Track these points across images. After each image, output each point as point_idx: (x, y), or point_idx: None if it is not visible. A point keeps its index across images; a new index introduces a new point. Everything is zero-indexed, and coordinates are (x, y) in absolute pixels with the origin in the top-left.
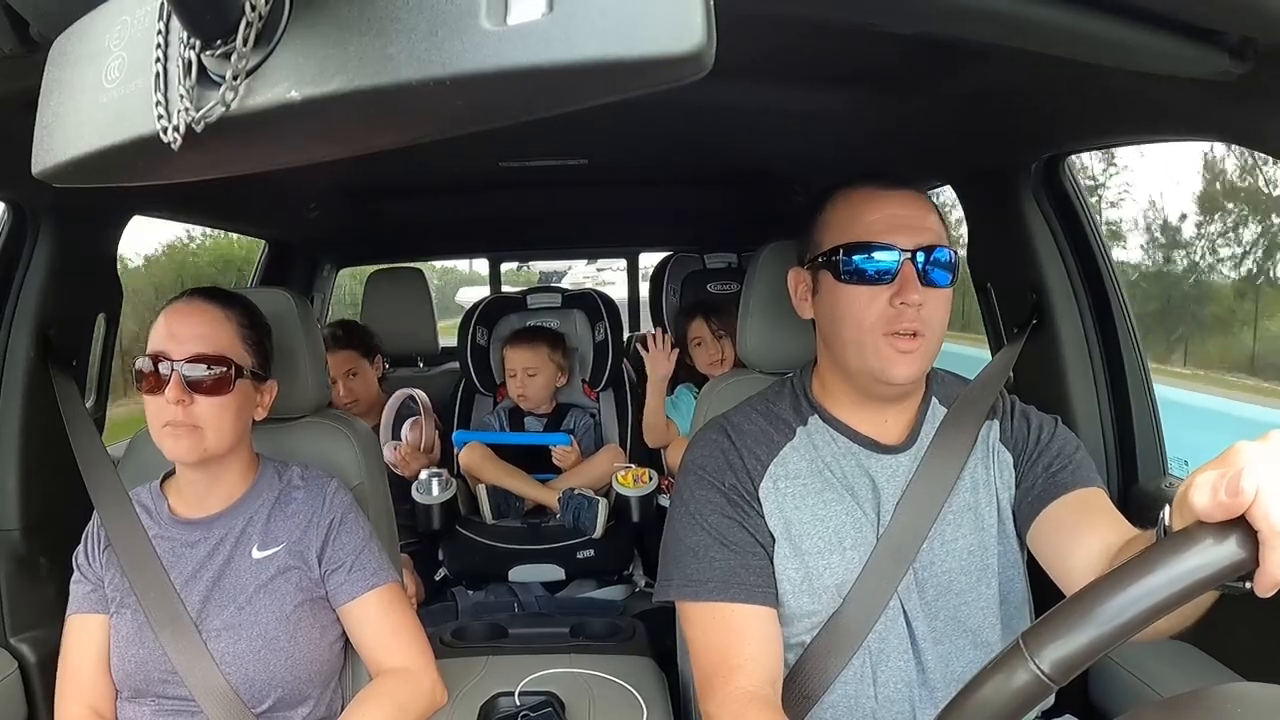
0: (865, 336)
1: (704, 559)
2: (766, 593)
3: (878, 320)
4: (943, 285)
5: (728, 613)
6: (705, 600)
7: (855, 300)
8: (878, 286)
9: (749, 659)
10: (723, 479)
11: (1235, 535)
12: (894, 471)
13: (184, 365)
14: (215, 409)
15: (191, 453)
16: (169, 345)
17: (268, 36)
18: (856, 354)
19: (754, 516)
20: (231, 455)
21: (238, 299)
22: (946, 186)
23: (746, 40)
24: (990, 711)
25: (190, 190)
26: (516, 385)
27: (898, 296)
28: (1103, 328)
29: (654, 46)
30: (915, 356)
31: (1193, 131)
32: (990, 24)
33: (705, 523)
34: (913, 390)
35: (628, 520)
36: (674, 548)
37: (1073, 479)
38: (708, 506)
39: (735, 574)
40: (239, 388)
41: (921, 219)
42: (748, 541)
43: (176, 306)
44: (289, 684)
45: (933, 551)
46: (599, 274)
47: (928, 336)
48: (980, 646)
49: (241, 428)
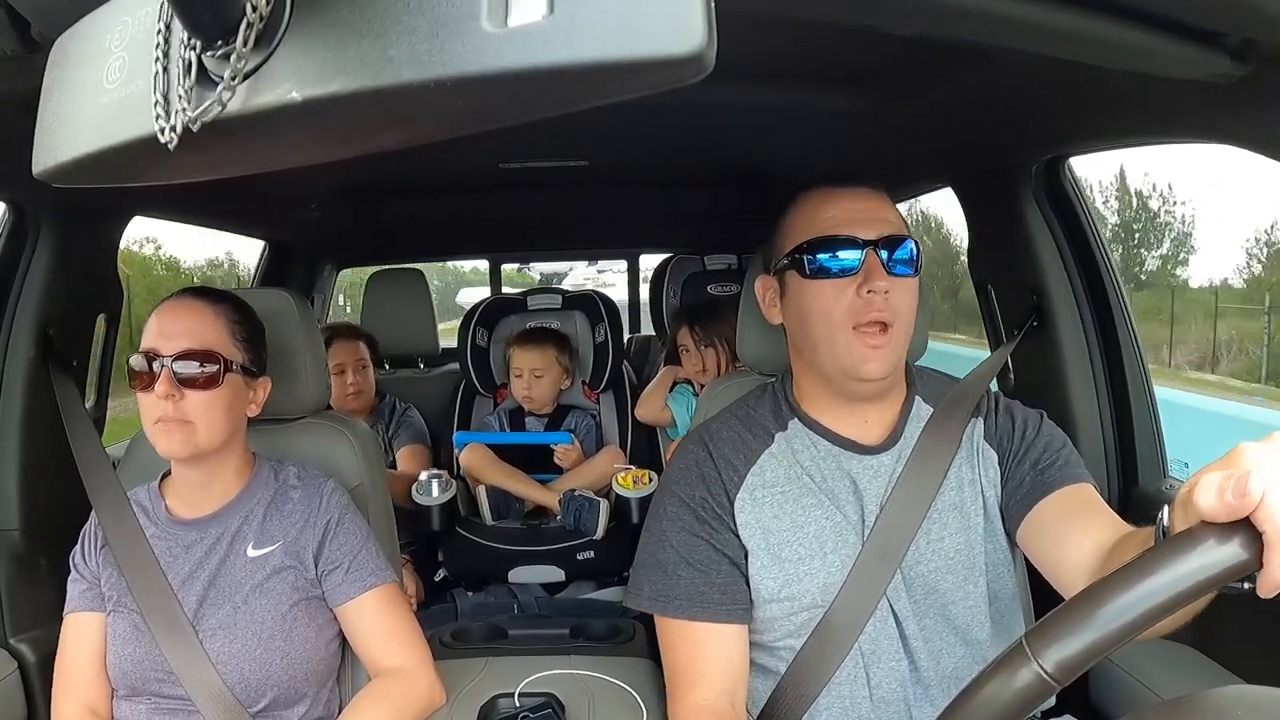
0: (836, 332)
1: (671, 576)
2: (731, 610)
3: (846, 313)
4: (907, 275)
5: (692, 630)
6: (671, 616)
7: (822, 295)
8: (843, 279)
9: (707, 674)
10: (694, 494)
11: (1239, 537)
12: (875, 472)
13: (174, 361)
14: (206, 403)
15: (183, 448)
16: (159, 342)
17: (268, 38)
18: (828, 351)
19: (723, 532)
20: (226, 452)
21: (228, 296)
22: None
23: (747, 41)
24: (993, 711)
25: (190, 191)
26: (522, 386)
27: (864, 286)
28: (1103, 329)
29: (655, 48)
30: (885, 351)
31: (1193, 134)
32: (991, 25)
33: (673, 541)
34: (890, 388)
35: (628, 521)
36: (645, 560)
37: (1060, 476)
38: (676, 524)
39: (700, 593)
40: (229, 382)
41: (879, 211)
42: (714, 559)
43: (167, 304)
44: (285, 683)
45: (919, 551)
46: (599, 275)
47: (896, 327)
48: (970, 645)
49: (234, 423)
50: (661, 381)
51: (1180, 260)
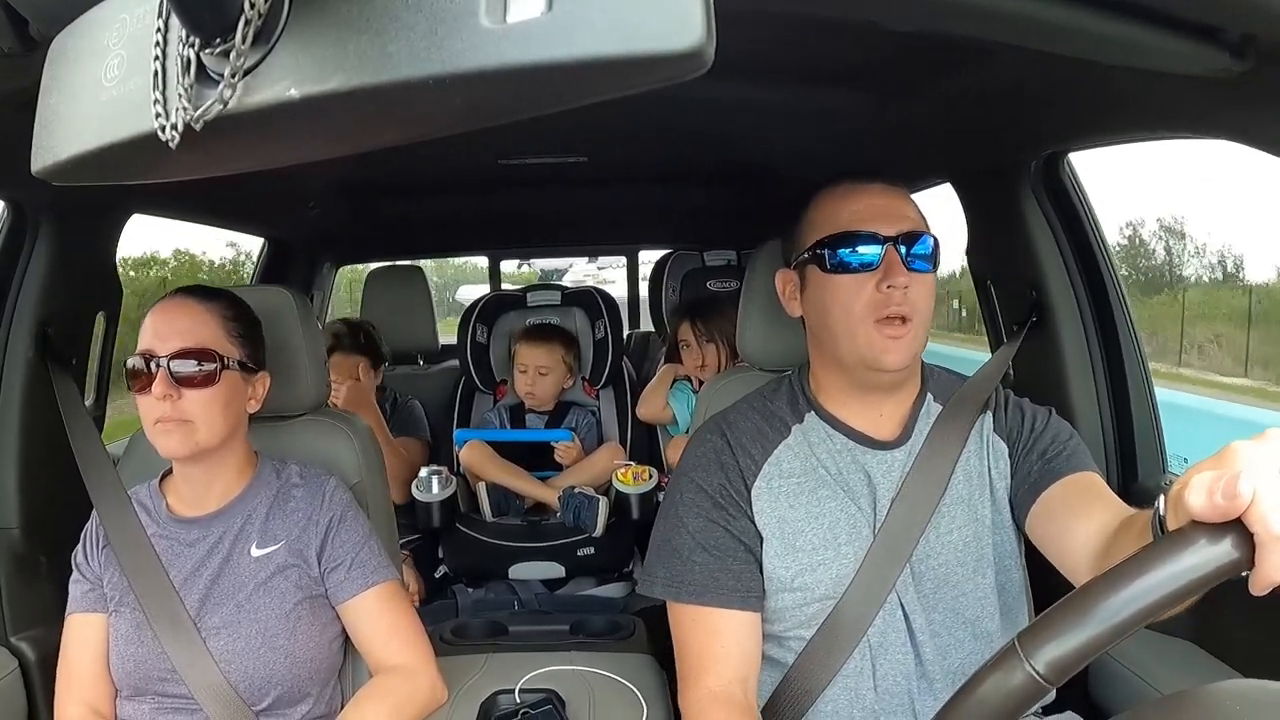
0: (855, 325)
1: (686, 562)
2: (745, 597)
3: (866, 307)
4: (926, 271)
5: (706, 615)
6: (685, 602)
7: (843, 289)
8: (864, 274)
9: (720, 660)
10: (712, 481)
11: (1231, 536)
12: (889, 467)
13: (169, 361)
14: (203, 402)
15: (183, 447)
16: (154, 343)
17: (267, 35)
18: (848, 343)
19: (740, 519)
20: (226, 450)
21: (222, 293)
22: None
23: (746, 37)
24: (987, 712)
25: (189, 188)
26: (526, 382)
27: (884, 281)
28: (1102, 326)
29: (653, 43)
30: (905, 342)
31: (1193, 130)
32: (990, 22)
33: (690, 526)
34: (906, 382)
35: (628, 518)
36: (660, 545)
37: (1067, 464)
38: (693, 510)
39: (715, 579)
40: (226, 379)
41: (900, 208)
42: (730, 545)
43: (161, 305)
44: (288, 682)
45: (928, 545)
46: (600, 272)
47: (915, 321)
48: (980, 637)
49: (233, 420)
50: (662, 380)
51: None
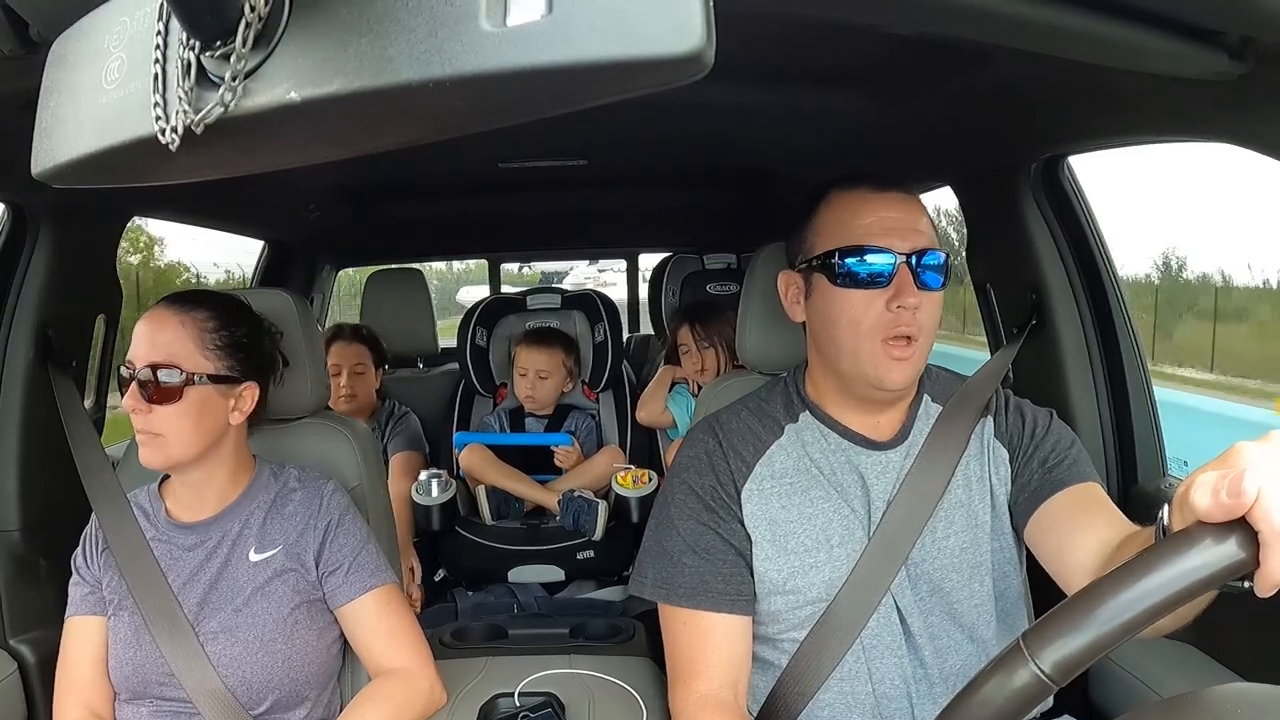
0: (862, 342)
1: (676, 564)
2: (735, 600)
3: (875, 325)
4: (936, 288)
5: (696, 618)
6: (675, 604)
7: (851, 304)
8: (873, 290)
9: (711, 664)
10: (703, 483)
11: (1236, 536)
12: (884, 468)
13: (141, 372)
14: (171, 416)
15: (155, 460)
16: (134, 353)
17: (267, 37)
18: (851, 359)
19: (730, 521)
20: (213, 460)
21: (207, 301)
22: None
23: (746, 40)
24: (991, 711)
25: (189, 191)
26: (526, 385)
27: (894, 300)
28: (1102, 328)
29: (653, 47)
30: (909, 363)
31: (1192, 132)
32: (990, 24)
33: (680, 529)
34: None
35: (627, 521)
36: (651, 547)
37: (1069, 475)
38: (684, 512)
39: (705, 582)
40: (193, 395)
41: (915, 222)
42: (720, 548)
43: (147, 314)
44: (286, 686)
45: (924, 549)
46: (600, 275)
47: (921, 340)
48: (976, 642)
49: (205, 434)
50: (660, 382)
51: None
